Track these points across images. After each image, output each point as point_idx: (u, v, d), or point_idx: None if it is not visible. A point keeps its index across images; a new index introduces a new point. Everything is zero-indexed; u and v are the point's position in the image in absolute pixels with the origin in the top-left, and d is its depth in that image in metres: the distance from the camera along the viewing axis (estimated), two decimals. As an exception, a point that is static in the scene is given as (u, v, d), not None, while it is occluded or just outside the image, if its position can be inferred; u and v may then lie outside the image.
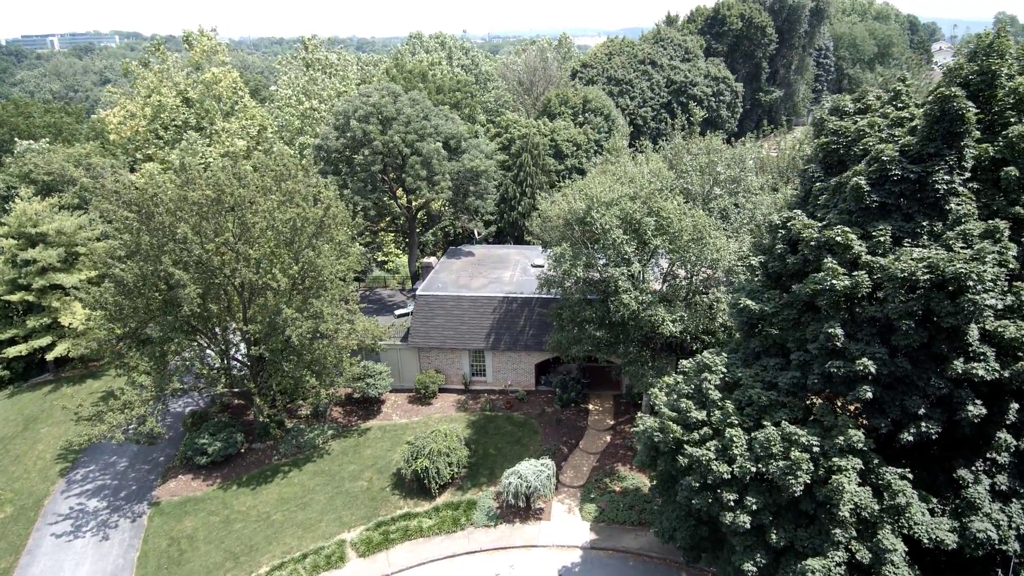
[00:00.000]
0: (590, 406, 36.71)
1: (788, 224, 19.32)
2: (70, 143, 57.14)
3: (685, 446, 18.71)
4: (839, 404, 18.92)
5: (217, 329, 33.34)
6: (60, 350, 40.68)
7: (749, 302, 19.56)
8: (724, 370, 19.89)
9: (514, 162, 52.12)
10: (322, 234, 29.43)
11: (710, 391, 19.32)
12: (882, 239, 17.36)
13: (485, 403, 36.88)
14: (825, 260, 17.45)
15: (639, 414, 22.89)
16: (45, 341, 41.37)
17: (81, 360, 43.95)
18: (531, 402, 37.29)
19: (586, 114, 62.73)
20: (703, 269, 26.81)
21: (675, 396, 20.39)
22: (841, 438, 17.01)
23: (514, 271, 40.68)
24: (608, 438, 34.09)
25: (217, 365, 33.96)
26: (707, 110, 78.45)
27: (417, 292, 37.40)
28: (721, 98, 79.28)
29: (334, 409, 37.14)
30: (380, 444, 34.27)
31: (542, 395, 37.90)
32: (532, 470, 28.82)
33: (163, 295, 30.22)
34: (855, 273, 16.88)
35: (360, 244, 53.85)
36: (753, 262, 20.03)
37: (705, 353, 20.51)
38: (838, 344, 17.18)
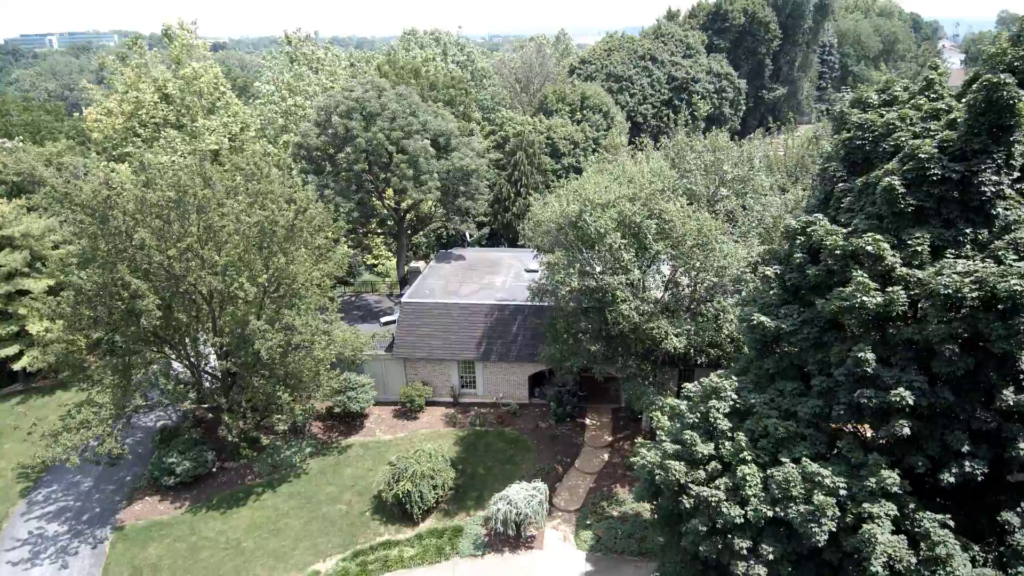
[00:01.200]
0: (587, 420, 34.41)
1: (808, 230, 17.00)
2: (49, 141, 54.88)
3: (691, 486, 16.40)
4: (868, 436, 16.62)
5: (187, 340, 31.07)
6: (25, 361, 38.40)
7: (763, 319, 17.24)
8: (734, 396, 17.58)
9: (508, 161, 49.85)
10: (295, 238, 27.10)
11: (718, 421, 17.01)
12: (919, 249, 15.05)
13: (475, 417, 34.58)
14: (854, 273, 15.13)
15: (638, 441, 20.60)
16: (12, 350, 39.09)
17: (52, 370, 41.70)
18: (524, 416, 34.99)
19: (584, 111, 60.39)
20: (709, 277, 24.52)
21: (678, 425, 18.08)
22: (872, 480, 14.70)
23: (507, 276, 38.37)
24: (606, 456, 31.78)
25: (187, 379, 31.72)
26: (710, 107, 76.11)
27: (402, 299, 35.09)
28: (724, 95, 76.95)
29: (313, 424, 34.83)
30: (361, 463, 31.97)
31: (536, 409, 35.60)
32: (523, 495, 26.52)
33: (126, 304, 27.93)
34: (890, 289, 14.56)
35: (348, 247, 51.85)
36: (768, 272, 17.71)
37: (713, 376, 18.19)
38: (869, 370, 14.88)
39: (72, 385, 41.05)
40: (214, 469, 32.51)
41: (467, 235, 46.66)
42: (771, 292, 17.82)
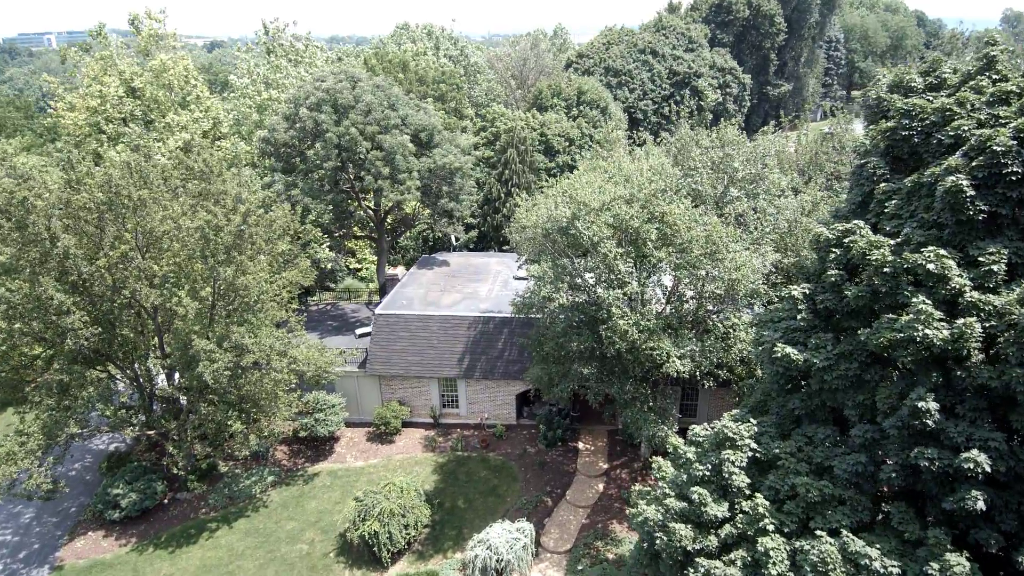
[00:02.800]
0: (580, 444, 31.14)
1: (846, 241, 13.70)
2: (9, 138, 51.59)
3: (699, 560, 13.12)
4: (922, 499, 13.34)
5: (135, 359, 27.82)
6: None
7: (789, 350, 13.95)
8: (753, 444, 14.29)
9: (499, 159, 46.54)
10: (245, 245, 23.83)
11: (734, 476, 13.72)
12: (994, 268, 11.76)
13: (457, 441, 31.30)
14: (912, 298, 11.83)
15: (635, 489, 17.32)
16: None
17: None
18: (511, 440, 31.72)
19: (580, 107, 57.04)
20: (718, 289, 21.22)
21: (684, 477, 14.79)
22: (935, 565, 11.42)
23: (493, 284, 35.10)
24: (601, 487, 28.50)
25: (134, 402, 28.47)
26: (718, 96, 72.55)
27: (376, 311, 31.80)
28: (728, 90, 73.67)
29: (278, 448, 31.56)
30: (328, 495, 28.68)
31: (524, 431, 32.33)
32: (505, 538, 23.27)
33: (57, 319, 24.69)
34: (961, 322, 11.27)
35: (328, 249, 48.54)
36: (795, 292, 14.40)
37: (726, 419, 14.89)
38: (930, 423, 11.60)
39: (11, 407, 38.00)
40: (165, 500, 29.28)
41: (453, 238, 43.35)
42: (799, 316, 14.50)
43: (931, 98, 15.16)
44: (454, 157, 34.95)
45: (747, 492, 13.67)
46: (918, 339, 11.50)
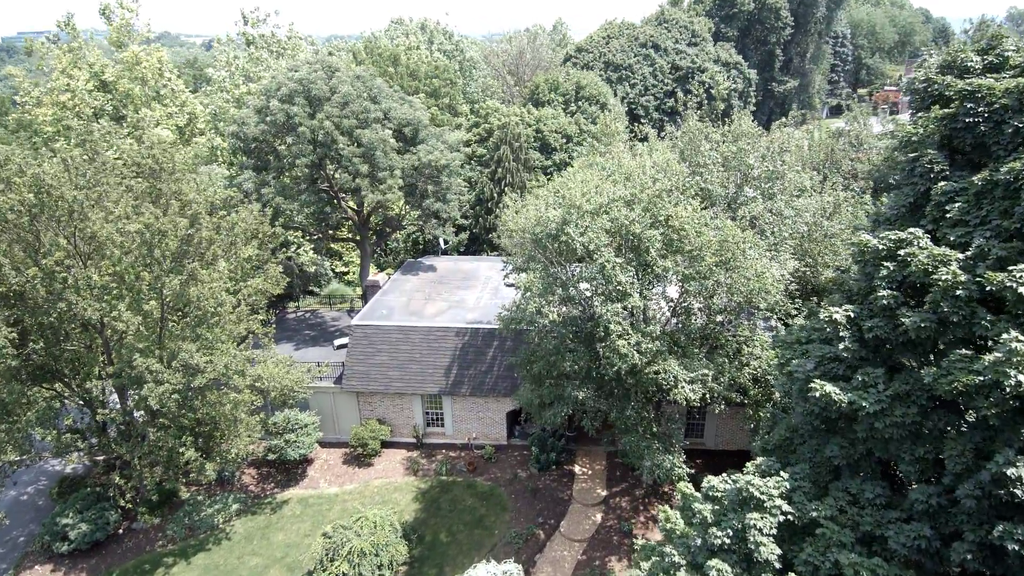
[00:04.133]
0: (576, 468, 28.44)
1: (901, 253, 10.99)
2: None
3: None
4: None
5: (87, 376, 25.17)
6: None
7: (830, 389, 11.24)
8: (783, 504, 11.58)
9: (491, 156, 43.83)
10: (195, 252, 21.13)
11: (762, 548, 11.01)
12: (1106, 291, 9.05)
13: (442, 464, 28.60)
14: (995, 331, 9.13)
15: (636, 545, 14.61)
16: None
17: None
18: (500, 462, 29.02)
19: (579, 102, 54.35)
20: (732, 300, 18.49)
21: (698, 541, 12.08)
22: None
23: (482, 292, 32.39)
24: (599, 517, 25.80)
25: (83, 423, 25.83)
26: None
27: (352, 321, 29.10)
28: (733, 86, 70.85)
29: (245, 472, 28.86)
30: (297, 526, 25.99)
31: (515, 452, 29.63)
32: (489, 583, 20.60)
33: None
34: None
35: (310, 252, 45.83)
36: (837, 316, 11.69)
37: (750, 473, 12.17)
38: (1020, 494, 8.90)
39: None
40: (120, 531, 26.62)
41: (441, 241, 40.64)
42: (841, 345, 11.78)
43: (992, 78, 12.46)
44: (440, 154, 32.24)
45: (777, 566, 10.98)
46: (1007, 386, 8.80)
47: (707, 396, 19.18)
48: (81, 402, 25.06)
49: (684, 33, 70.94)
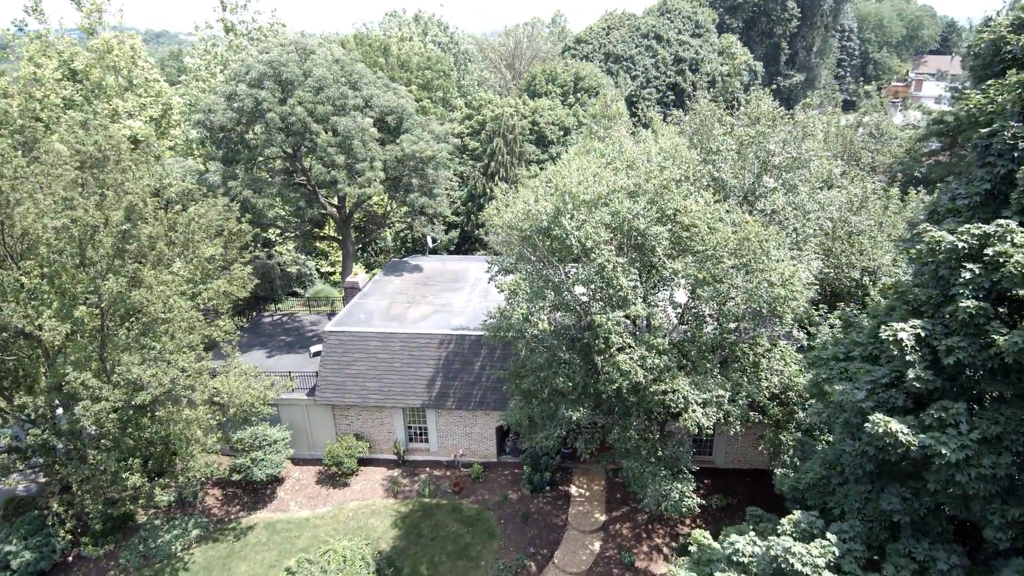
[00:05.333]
0: (572, 489, 25.85)
1: (990, 253, 8.37)
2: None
3: None
4: None
5: (31, 390, 22.59)
6: None
7: (896, 427, 8.63)
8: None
9: (484, 150, 41.23)
10: (135, 251, 18.55)
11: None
12: None
13: (425, 484, 26.01)
14: None
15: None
16: None
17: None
18: (489, 482, 26.43)
19: (578, 94, 51.70)
20: (753, 306, 15.87)
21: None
22: None
23: (471, 294, 29.79)
24: (597, 546, 23.20)
25: (30, 442, 23.25)
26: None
27: (327, 328, 26.50)
28: (738, 78, 68.19)
29: (208, 493, 26.28)
30: (262, 555, 23.40)
31: (506, 470, 27.04)
32: (471, 629, 18.01)
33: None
34: None
35: (292, 251, 43.26)
36: (902, 336, 9.05)
37: (786, 533, 9.55)
38: None
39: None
40: (70, 558, 24.08)
41: (429, 239, 38.04)
42: (912, 373, 9.15)
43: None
44: (426, 144, 29.63)
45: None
46: None
47: (724, 420, 16.58)
48: (24, 418, 22.50)
49: (687, 24, 68.29)
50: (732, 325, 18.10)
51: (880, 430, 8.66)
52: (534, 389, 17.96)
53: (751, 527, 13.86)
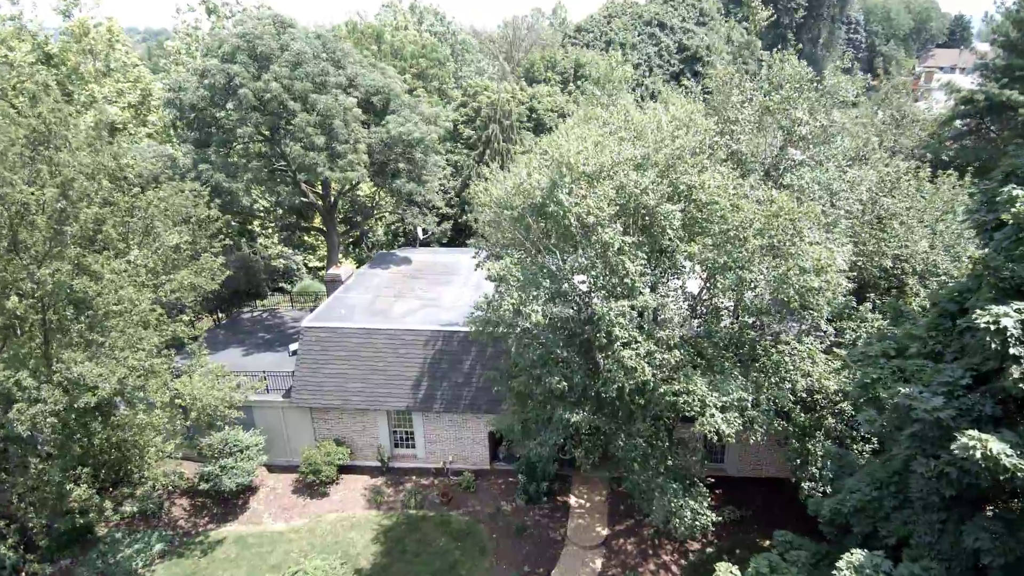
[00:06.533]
0: (571, 499, 23.70)
1: None
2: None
3: None
4: None
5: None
6: None
7: (997, 448, 6.46)
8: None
9: (479, 136, 39.09)
10: (80, 235, 16.43)
11: None
12: None
13: (411, 494, 23.86)
14: None
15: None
16: None
17: None
18: (481, 491, 24.29)
19: (578, 82, 49.57)
20: (780, 296, 13.66)
21: None
22: None
23: (462, 288, 27.66)
24: (599, 563, 21.04)
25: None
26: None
27: (303, 323, 24.35)
28: (745, 68, 66.01)
29: (175, 503, 24.14)
30: (230, 572, 21.22)
31: (499, 479, 24.89)
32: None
33: None
34: None
35: (278, 245, 41.13)
36: (1006, 323, 6.89)
37: (844, 571, 7.37)
38: None
39: None
40: (22, 575, 21.97)
41: (420, 231, 35.90)
42: (1017, 372, 6.98)
43: None
44: (414, 126, 27.48)
45: None
46: None
47: (746, 426, 14.41)
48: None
49: (691, 11, 66.11)
50: (750, 320, 15.96)
51: (977, 453, 6.52)
52: (527, 390, 15.79)
53: (779, 554, 11.70)
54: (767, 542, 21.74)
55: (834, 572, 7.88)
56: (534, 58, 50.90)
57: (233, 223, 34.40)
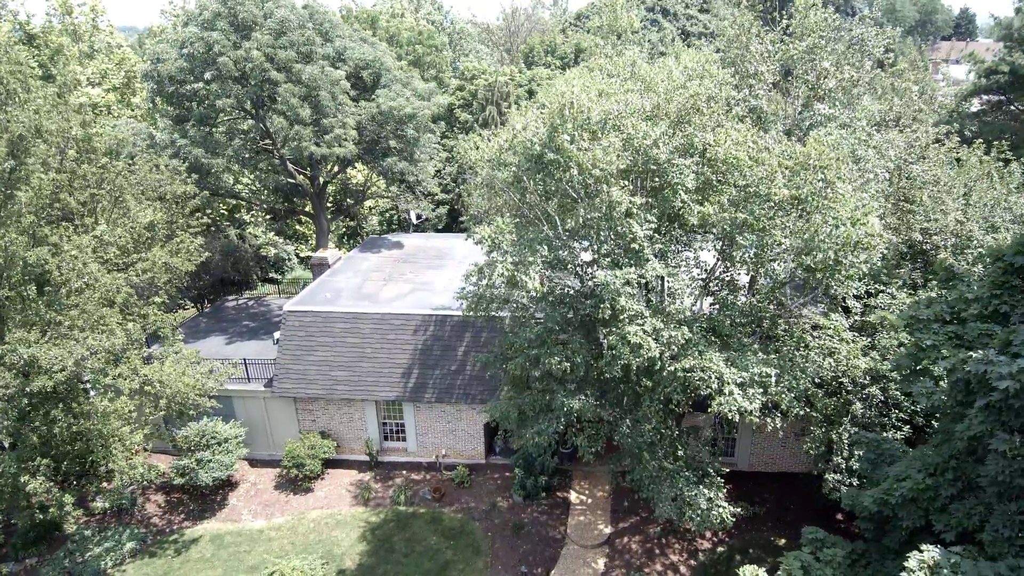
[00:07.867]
0: (572, 494, 22.20)
1: None
2: None
3: None
4: None
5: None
6: None
7: None
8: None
9: (476, 118, 37.61)
10: (35, 203, 14.93)
11: None
12: None
13: (400, 489, 22.35)
14: None
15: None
16: None
17: None
18: (476, 486, 22.78)
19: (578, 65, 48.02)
20: (808, 261, 12.10)
21: None
22: None
23: (456, 273, 26.13)
24: (601, 564, 19.53)
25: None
26: None
27: (286, 307, 22.83)
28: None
29: (150, 499, 22.63)
30: (204, 573, 19.71)
31: (495, 473, 23.39)
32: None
33: None
34: None
35: (269, 233, 39.62)
36: None
37: None
38: None
39: None
40: (-18, 575, 20.50)
41: (413, 216, 34.38)
42: None
43: None
44: (406, 101, 25.97)
45: None
46: None
47: (769, 406, 12.89)
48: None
49: (695, -2, 64.55)
50: (769, 294, 14.40)
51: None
52: (523, 373, 14.27)
53: (811, 553, 10.20)
54: (782, 540, 20.25)
55: (903, 574, 6.40)
56: (533, 42, 49.43)
57: (222, 210, 32.95)
